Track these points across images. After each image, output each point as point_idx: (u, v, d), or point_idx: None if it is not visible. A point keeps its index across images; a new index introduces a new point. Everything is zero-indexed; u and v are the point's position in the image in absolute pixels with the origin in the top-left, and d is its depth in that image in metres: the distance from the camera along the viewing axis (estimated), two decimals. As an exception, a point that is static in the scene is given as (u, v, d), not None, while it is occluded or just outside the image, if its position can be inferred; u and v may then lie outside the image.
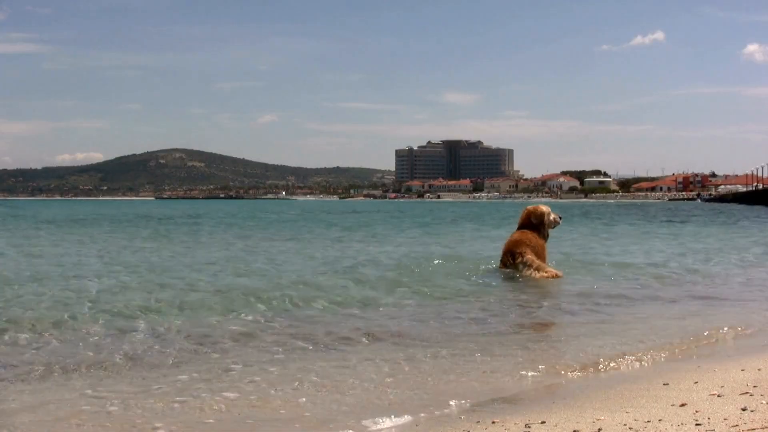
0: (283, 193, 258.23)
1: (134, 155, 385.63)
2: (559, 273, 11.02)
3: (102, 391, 4.99)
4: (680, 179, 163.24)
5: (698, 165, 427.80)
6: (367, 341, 6.62)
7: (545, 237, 11.71)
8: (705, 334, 7.02)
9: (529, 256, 11.01)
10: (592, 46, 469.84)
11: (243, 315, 7.79)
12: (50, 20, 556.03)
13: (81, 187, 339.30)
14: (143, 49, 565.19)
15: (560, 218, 11.99)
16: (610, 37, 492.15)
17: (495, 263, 11.89)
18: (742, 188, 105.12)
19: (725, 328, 7.21)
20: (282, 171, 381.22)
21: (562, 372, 5.58)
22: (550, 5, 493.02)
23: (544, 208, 11.79)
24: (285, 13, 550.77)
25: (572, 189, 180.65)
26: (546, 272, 10.88)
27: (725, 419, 3.97)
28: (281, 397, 4.87)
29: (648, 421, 4.05)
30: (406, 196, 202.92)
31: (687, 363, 5.83)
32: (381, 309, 8.30)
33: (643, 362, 5.89)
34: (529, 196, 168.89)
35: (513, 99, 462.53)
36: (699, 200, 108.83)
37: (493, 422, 4.29)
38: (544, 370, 5.57)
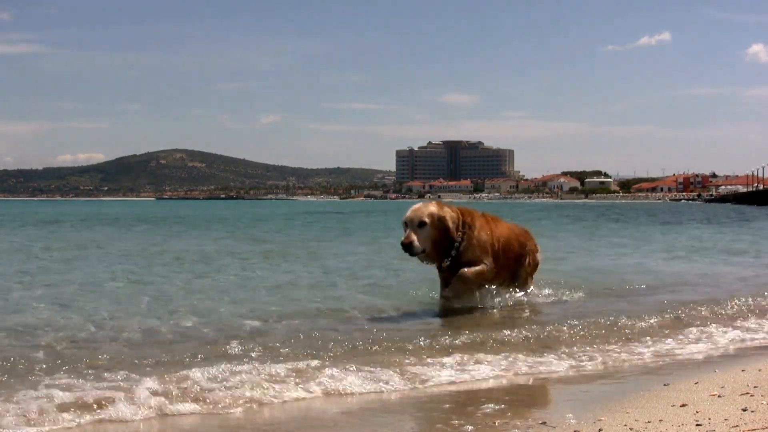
0: (284, 194, 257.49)
1: (135, 156, 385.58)
2: None
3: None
4: (681, 180, 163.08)
5: (699, 165, 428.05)
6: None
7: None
8: None
9: None
10: (598, 46, 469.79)
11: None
12: (51, 20, 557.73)
13: (82, 187, 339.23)
14: (143, 49, 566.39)
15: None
16: (616, 38, 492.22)
17: None
18: (742, 189, 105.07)
19: None
20: (282, 171, 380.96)
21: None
22: (555, 5, 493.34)
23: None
24: (285, 13, 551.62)
25: (573, 189, 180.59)
26: None
27: (726, 420, 3.97)
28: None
29: (648, 422, 4.04)
30: (406, 196, 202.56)
31: (687, 363, 5.83)
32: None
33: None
34: (529, 197, 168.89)
35: (513, 99, 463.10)
36: (700, 201, 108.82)
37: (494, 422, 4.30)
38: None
